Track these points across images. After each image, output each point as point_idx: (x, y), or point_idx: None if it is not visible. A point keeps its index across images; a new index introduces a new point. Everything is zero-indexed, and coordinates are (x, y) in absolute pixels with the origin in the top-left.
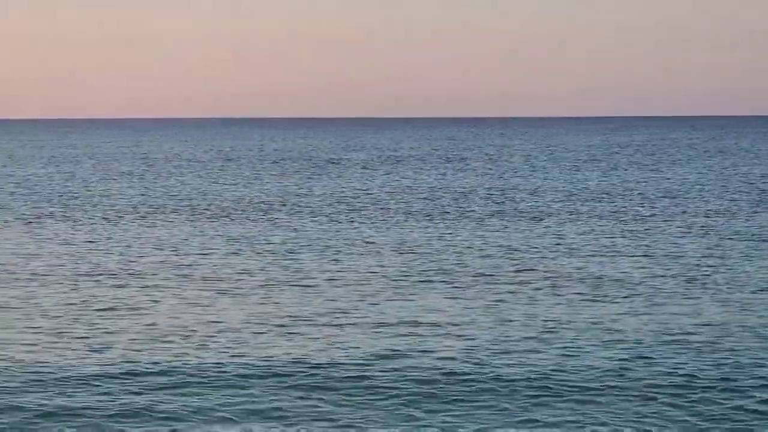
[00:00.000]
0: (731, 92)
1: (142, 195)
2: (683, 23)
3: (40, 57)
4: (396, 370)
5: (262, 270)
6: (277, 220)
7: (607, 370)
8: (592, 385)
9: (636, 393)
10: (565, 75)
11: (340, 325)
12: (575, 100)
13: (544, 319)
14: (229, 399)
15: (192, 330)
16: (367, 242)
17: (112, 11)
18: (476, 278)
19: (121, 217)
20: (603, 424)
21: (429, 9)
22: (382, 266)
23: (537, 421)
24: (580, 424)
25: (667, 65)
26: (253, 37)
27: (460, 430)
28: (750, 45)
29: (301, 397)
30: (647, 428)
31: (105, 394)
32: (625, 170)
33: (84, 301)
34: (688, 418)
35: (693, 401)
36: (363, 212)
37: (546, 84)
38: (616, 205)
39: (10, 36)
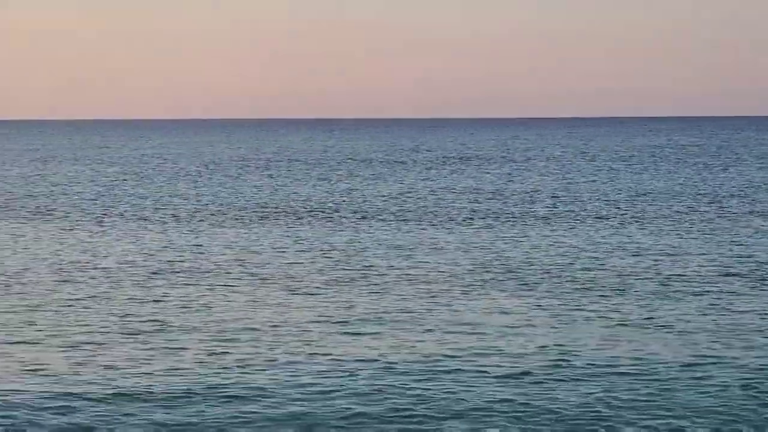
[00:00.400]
0: None
1: (211, 195)
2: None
3: (103, 59)
4: (466, 370)
5: (331, 269)
6: (344, 220)
7: (678, 367)
8: (663, 377)
9: (708, 387)
10: (627, 75)
11: (410, 324)
12: (646, 101)
13: (613, 318)
14: (300, 395)
15: (263, 329)
16: (434, 242)
17: (166, 12)
18: (544, 278)
19: (191, 216)
20: (680, 409)
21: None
22: (449, 266)
23: (613, 407)
24: (655, 415)
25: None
26: (304, 39)
27: (535, 427)
28: None
29: (371, 395)
30: (719, 419)
31: (177, 387)
32: (692, 170)
33: (156, 300)
34: (761, 411)
35: (765, 394)
36: (429, 212)
37: (612, 83)
38: (683, 206)
39: (68, 38)
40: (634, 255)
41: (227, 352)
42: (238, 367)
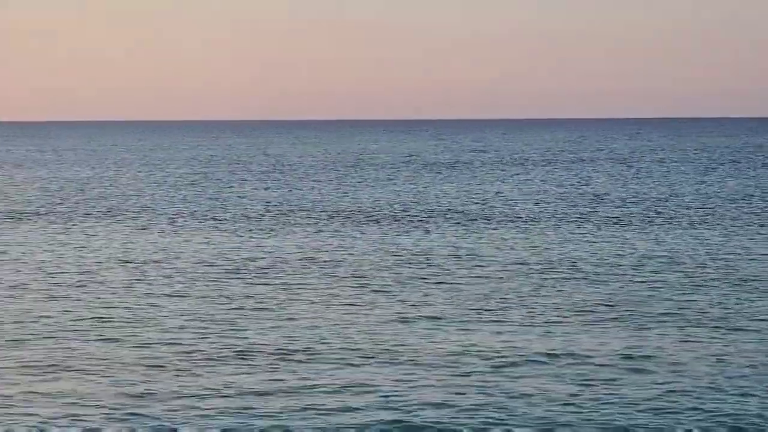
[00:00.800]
0: None
1: (281, 195)
2: None
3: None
4: (536, 369)
5: (402, 269)
6: (411, 220)
7: (751, 369)
8: (736, 379)
9: None
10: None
11: (481, 323)
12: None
13: (685, 318)
14: (373, 392)
15: (335, 328)
16: (503, 242)
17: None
18: (613, 277)
19: (261, 216)
20: (752, 410)
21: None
22: (518, 265)
23: (684, 408)
24: (726, 417)
25: None
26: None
27: (606, 426)
28: None
29: (445, 392)
30: None
31: (251, 386)
32: (763, 170)
33: (228, 299)
34: None
35: None
36: (497, 212)
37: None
38: (755, 206)
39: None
40: (705, 256)
41: (300, 351)
42: (311, 365)
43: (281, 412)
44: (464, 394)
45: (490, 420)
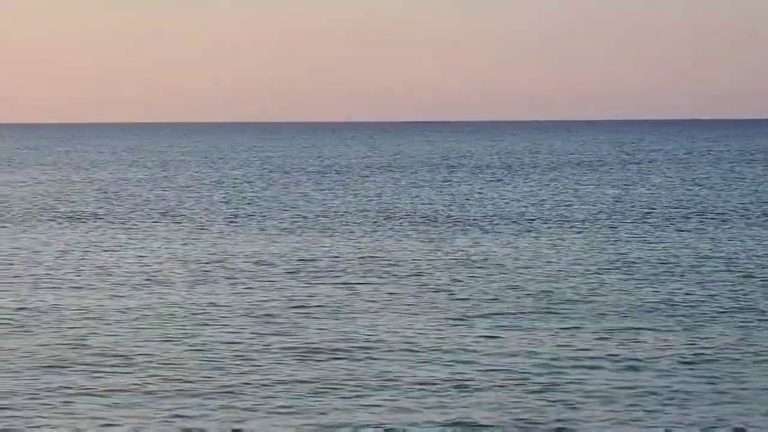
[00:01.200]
0: None
1: (337, 196)
2: None
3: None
4: (594, 363)
5: (459, 269)
6: (468, 220)
7: None
8: None
9: None
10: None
11: (542, 324)
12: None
13: (742, 314)
14: (435, 390)
15: (396, 328)
16: (557, 243)
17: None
18: (670, 276)
19: (319, 216)
20: None
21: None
22: (573, 266)
23: (739, 403)
24: None
25: None
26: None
27: (658, 416)
28: None
29: (503, 393)
30: None
31: (308, 384)
32: None
33: (286, 297)
34: None
35: None
36: (554, 214)
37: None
38: None
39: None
40: (765, 257)
41: (359, 350)
42: (369, 365)
43: (341, 412)
44: (523, 395)
45: (551, 422)
